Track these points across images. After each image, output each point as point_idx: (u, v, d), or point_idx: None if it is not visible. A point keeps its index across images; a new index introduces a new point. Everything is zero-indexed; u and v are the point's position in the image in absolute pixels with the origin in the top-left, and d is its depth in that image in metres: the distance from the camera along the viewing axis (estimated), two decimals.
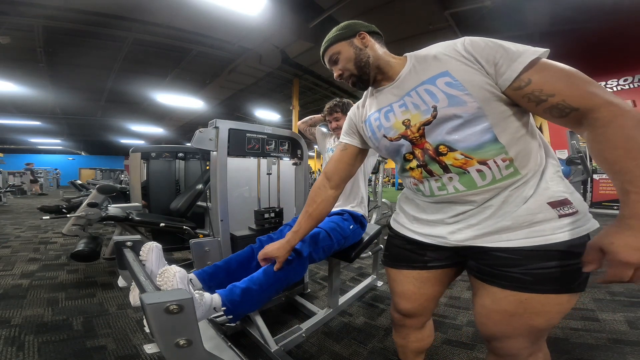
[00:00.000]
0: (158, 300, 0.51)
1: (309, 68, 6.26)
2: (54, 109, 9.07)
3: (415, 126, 0.72)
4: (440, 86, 0.66)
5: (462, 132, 0.66)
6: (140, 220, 2.35)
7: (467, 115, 0.64)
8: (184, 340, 0.55)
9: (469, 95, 0.63)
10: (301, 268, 1.15)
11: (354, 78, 0.82)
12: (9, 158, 15.03)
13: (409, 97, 0.73)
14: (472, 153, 0.66)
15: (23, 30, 4.33)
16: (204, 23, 4.31)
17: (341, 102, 1.66)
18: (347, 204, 1.56)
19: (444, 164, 0.69)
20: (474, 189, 0.67)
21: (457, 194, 0.70)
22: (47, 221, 4.62)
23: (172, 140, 14.68)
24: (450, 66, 0.66)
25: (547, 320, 0.64)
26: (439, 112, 0.67)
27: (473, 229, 0.69)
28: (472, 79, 0.63)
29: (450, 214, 0.74)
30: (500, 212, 0.66)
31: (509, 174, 0.64)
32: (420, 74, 0.71)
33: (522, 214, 0.63)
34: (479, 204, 0.69)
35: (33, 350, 1.34)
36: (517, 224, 0.63)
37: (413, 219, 0.85)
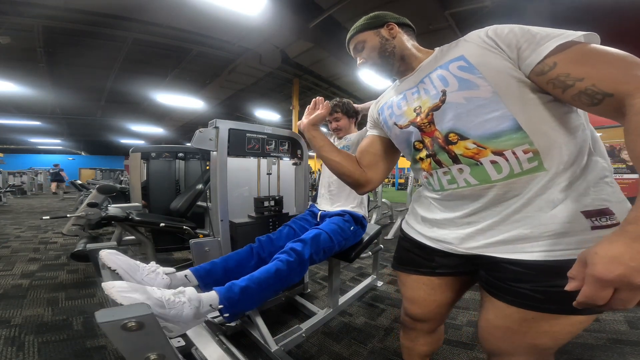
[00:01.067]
0: (112, 318, 0.47)
1: (309, 68, 6.25)
2: (54, 109, 9.07)
3: (424, 112, 0.68)
4: (453, 70, 0.63)
5: (474, 118, 0.59)
6: (140, 220, 2.34)
7: (480, 100, 0.59)
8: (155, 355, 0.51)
9: (483, 78, 0.58)
10: (301, 269, 1.14)
11: (375, 67, 0.82)
12: (9, 158, 15.05)
13: (422, 84, 0.71)
14: (486, 142, 0.59)
15: (23, 30, 4.33)
16: (204, 23, 4.31)
17: (341, 102, 1.65)
18: (347, 204, 1.56)
19: (453, 153, 0.63)
20: (488, 183, 0.60)
21: (468, 187, 0.64)
22: (47, 221, 4.62)
23: (172, 140, 14.67)
24: (466, 51, 0.62)
25: (554, 340, 0.58)
26: (448, 96, 0.63)
27: (485, 235, 0.63)
28: (488, 62, 0.58)
29: (460, 212, 0.67)
30: (517, 216, 0.58)
31: (532, 168, 0.56)
32: (439, 61, 0.69)
33: (546, 221, 0.54)
34: (494, 202, 0.61)
35: (33, 350, 1.34)
36: (538, 234, 0.55)
37: (421, 220, 0.81)
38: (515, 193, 0.59)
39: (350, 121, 1.69)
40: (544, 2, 3.86)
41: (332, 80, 7.05)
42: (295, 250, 1.14)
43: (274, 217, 1.67)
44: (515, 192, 0.58)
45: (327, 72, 6.55)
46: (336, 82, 7.13)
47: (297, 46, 5.17)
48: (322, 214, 1.56)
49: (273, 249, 1.28)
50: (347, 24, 4.61)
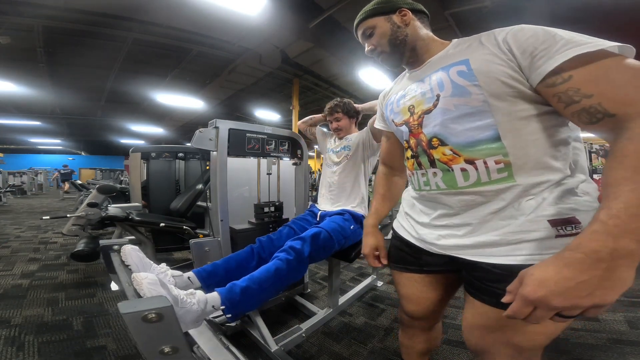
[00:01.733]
0: (134, 309, 0.49)
1: (309, 68, 6.25)
2: (54, 109, 9.06)
3: (417, 113, 0.69)
4: (452, 74, 0.62)
5: (458, 126, 0.61)
6: (140, 220, 2.35)
7: (468, 108, 0.59)
8: (168, 348, 0.53)
9: (477, 86, 0.58)
10: (301, 268, 1.14)
11: (384, 55, 0.78)
12: (9, 158, 15.05)
13: (421, 83, 0.69)
14: (462, 150, 0.61)
15: (23, 30, 4.33)
16: (204, 23, 4.31)
17: (342, 102, 1.65)
18: (348, 203, 1.56)
19: (432, 157, 0.66)
20: (454, 189, 0.63)
21: (437, 191, 0.67)
22: (47, 221, 4.62)
23: (172, 140, 14.66)
24: (474, 54, 0.60)
25: (530, 340, 0.59)
26: (440, 101, 0.63)
27: (457, 238, 0.65)
28: (489, 70, 0.57)
29: (434, 214, 0.71)
30: (490, 223, 0.60)
31: (500, 179, 0.58)
32: (446, 60, 0.66)
33: (514, 229, 0.57)
34: (463, 207, 0.64)
35: (33, 350, 1.34)
36: (506, 241, 0.57)
37: (406, 216, 0.83)
38: (483, 200, 0.61)
39: (351, 121, 1.69)
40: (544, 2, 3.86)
41: (332, 80, 7.05)
42: (295, 249, 1.14)
43: (274, 223, 1.66)
44: (483, 200, 0.61)
45: (327, 72, 6.55)
46: (336, 82, 7.13)
47: (297, 46, 5.17)
48: (322, 214, 1.56)
49: (273, 249, 1.28)
50: (347, 24, 4.61)
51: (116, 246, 0.86)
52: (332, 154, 1.68)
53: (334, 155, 1.67)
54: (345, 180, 1.58)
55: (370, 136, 1.55)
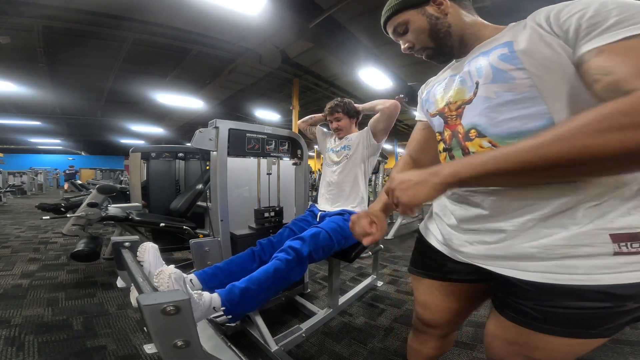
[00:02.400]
0: (154, 301, 0.51)
1: (309, 68, 6.26)
2: (54, 109, 9.07)
3: (455, 103, 0.62)
4: (492, 59, 0.55)
5: (499, 115, 0.53)
6: (140, 220, 2.35)
7: (512, 94, 0.52)
8: (181, 341, 0.54)
9: (522, 70, 0.50)
10: (301, 268, 1.15)
11: (429, 51, 0.69)
12: (9, 158, 15.04)
13: (462, 71, 0.63)
14: (502, 142, 0.53)
15: (23, 30, 4.33)
16: (204, 23, 4.31)
17: (342, 102, 1.65)
18: (347, 203, 1.56)
19: (467, 150, 0.59)
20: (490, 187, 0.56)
21: (470, 188, 0.60)
22: (47, 221, 4.62)
23: (172, 140, 14.66)
24: (519, 35, 0.53)
25: (548, 357, 0.54)
26: (480, 89, 0.56)
27: (486, 245, 0.58)
28: (537, 51, 0.49)
29: (461, 216, 0.64)
30: (528, 233, 0.51)
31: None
32: (491, 43, 0.59)
33: (560, 242, 0.48)
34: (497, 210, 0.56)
35: (33, 350, 1.34)
36: (545, 255, 0.49)
37: (435, 218, 0.76)
38: (524, 203, 0.52)
39: (351, 121, 1.69)
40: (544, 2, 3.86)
41: (332, 80, 7.05)
42: (294, 248, 1.14)
43: (274, 228, 1.66)
44: (524, 202, 0.52)
45: (327, 72, 6.55)
46: (336, 82, 7.13)
47: (297, 46, 5.17)
48: (321, 215, 1.56)
49: (274, 251, 1.29)
50: (347, 24, 4.61)
51: (127, 243, 0.88)
52: (332, 153, 1.68)
53: (333, 155, 1.67)
54: (344, 180, 1.58)
55: (371, 136, 1.55)
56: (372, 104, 1.58)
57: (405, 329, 1.60)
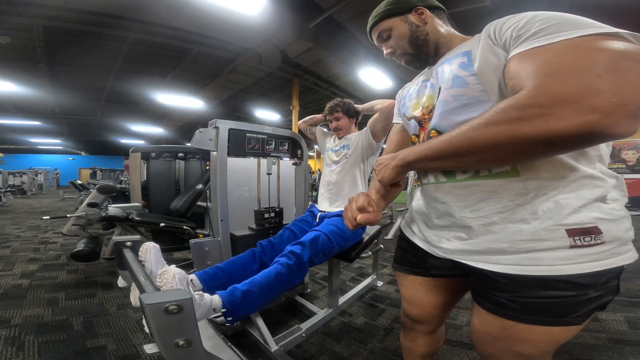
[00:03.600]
0: (157, 300, 0.51)
1: (309, 68, 6.25)
2: (54, 109, 9.07)
3: (427, 107, 0.68)
4: (453, 66, 0.61)
5: (456, 117, 0.59)
6: (140, 220, 2.35)
7: (466, 98, 0.57)
8: (183, 341, 0.54)
9: (475, 76, 0.56)
10: (302, 272, 1.15)
11: (408, 57, 0.74)
12: (9, 158, 15.05)
13: (432, 77, 0.68)
14: None
15: (23, 30, 4.33)
16: (204, 23, 4.31)
17: (342, 102, 1.66)
18: None
19: None
20: (452, 182, 0.61)
21: (436, 184, 0.66)
22: (47, 221, 4.62)
23: (172, 140, 14.66)
24: (476, 46, 0.59)
25: (536, 349, 0.57)
26: (441, 93, 0.62)
27: (462, 242, 0.62)
28: (487, 58, 0.55)
29: (435, 212, 0.69)
30: (497, 227, 0.56)
31: (502, 172, 0.55)
32: (455, 52, 0.65)
33: (525, 237, 0.53)
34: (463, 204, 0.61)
35: (33, 350, 1.34)
36: (514, 249, 0.54)
37: (415, 217, 0.80)
38: (483, 196, 0.58)
39: (351, 121, 1.69)
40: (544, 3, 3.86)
41: (332, 80, 7.04)
42: (295, 253, 1.14)
43: (274, 229, 1.67)
44: (483, 195, 0.58)
45: (327, 72, 6.55)
46: (336, 82, 7.13)
47: (297, 46, 5.17)
48: (321, 215, 1.56)
49: (274, 253, 1.29)
50: (347, 24, 4.61)
51: (129, 242, 0.88)
52: (332, 153, 1.68)
53: (333, 154, 1.67)
54: (344, 179, 1.58)
55: (370, 136, 1.55)
56: (371, 104, 1.58)
57: None
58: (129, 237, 0.90)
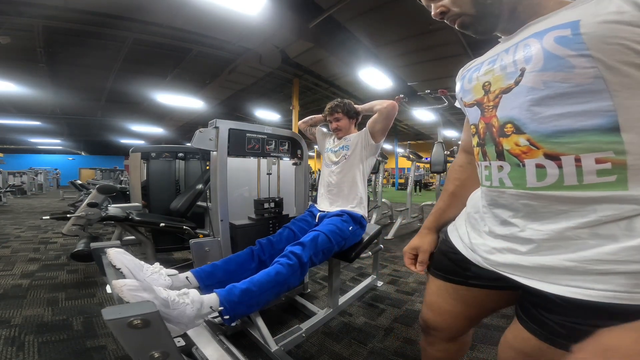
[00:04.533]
0: (118, 315, 0.48)
1: (309, 68, 6.26)
2: (54, 109, 9.07)
3: (493, 92, 0.53)
4: (546, 42, 0.45)
5: (546, 109, 0.45)
6: (140, 220, 2.34)
7: (567, 86, 0.43)
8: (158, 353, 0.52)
9: (587, 57, 0.41)
10: (301, 272, 1.15)
11: (466, 18, 0.56)
12: (9, 158, 15.05)
13: (505, 54, 0.53)
14: (542, 141, 0.45)
15: (23, 30, 4.33)
16: (204, 23, 4.31)
17: (342, 103, 1.66)
18: (346, 204, 1.56)
19: (501, 147, 0.51)
20: (522, 189, 0.49)
21: (500, 189, 0.53)
22: (47, 221, 4.62)
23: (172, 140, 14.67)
24: (589, 12, 0.42)
25: None
26: (525, 77, 0.47)
27: (516, 256, 0.51)
28: (614, 34, 0.39)
29: (493, 220, 0.57)
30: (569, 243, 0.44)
31: (602, 184, 0.41)
32: (550, 21, 0.48)
33: (603, 257, 0.41)
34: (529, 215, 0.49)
35: (33, 350, 1.34)
36: (582, 269, 0.42)
37: (466, 218, 0.69)
38: (562, 209, 0.45)
39: (351, 122, 1.69)
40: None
41: (332, 80, 7.05)
42: (295, 254, 1.14)
43: (274, 219, 1.67)
44: (562, 208, 0.45)
45: (327, 72, 6.55)
46: (336, 82, 7.13)
47: (297, 46, 5.17)
48: (320, 215, 1.56)
49: (273, 251, 1.29)
50: (347, 24, 4.61)
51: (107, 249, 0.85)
52: (331, 153, 1.68)
53: (332, 155, 1.67)
54: (343, 180, 1.58)
55: (369, 136, 1.55)
56: (370, 105, 1.58)
57: (405, 329, 1.60)
58: (107, 243, 0.86)
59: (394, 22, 4.34)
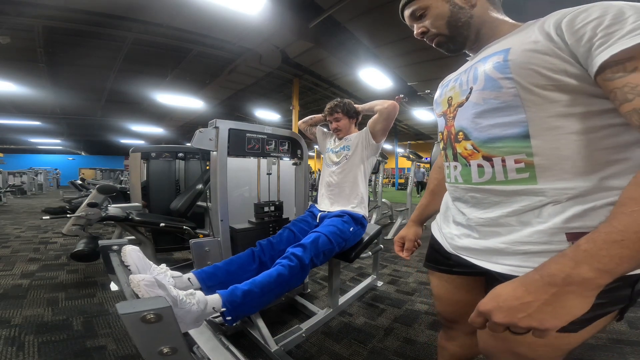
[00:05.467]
0: (133, 309, 0.49)
1: (309, 68, 6.26)
2: (54, 109, 9.08)
3: (453, 106, 0.65)
4: (487, 66, 0.56)
5: (484, 120, 0.56)
6: (140, 220, 2.34)
7: (497, 102, 0.54)
8: (167, 349, 0.53)
9: (510, 79, 0.51)
10: (302, 273, 1.15)
11: (441, 38, 0.67)
12: (9, 158, 15.05)
13: (464, 74, 0.64)
14: (481, 146, 0.57)
15: (23, 30, 4.33)
16: (204, 23, 4.31)
17: (342, 103, 1.65)
18: (347, 204, 1.56)
19: (455, 150, 0.63)
20: (469, 184, 0.61)
21: (456, 184, 0.65)
22: (47, 221, 4.62)
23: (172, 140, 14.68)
24: (518, 43, 0.53)
25: (533, 352, 0.55)
26: (472, 94, 0.59)
27: (471, 240, 0.62)
28: (528, 61, 0.49)
29: (456, 211, 0.68)
30: (500, 228, 0.56)
31: (520, 180, 0.52)
32: (494, 48, 0.59)
33: (523, 239, 0.52)
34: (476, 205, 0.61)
35: (33, 350, 1.34)
36: (512, 250, 0.53)
37: (440, 214, 0.80)
38: (496, 200, 0.57)
39: (351, 121, 1.69)
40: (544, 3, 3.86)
41: (332, 80, 7.05)
42: (296, 255, 1.15)
43: (274, 223, 1.66)
44: (496, 199, 0.57)
45: (327, 72, 6.55)
46: (336, 82, 7.14)
47: (297, 46, 5.17)
48: (321, 215, 1.56)
49: (274, 252, 1.29)
50: (347, 24, 4.62)
51: (115, 246, 0.86)
52: (332, 153, 1.68)
53: (333, 155, 1.67)
54: (344, 180, 1.58)
55: (370, 136, 1.55)
56: (370, 105, 1.58)
57: (405, 329, 1.60)
58: (116, 241, 0.87)
59: (394, 22, 4.33)
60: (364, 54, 5.25)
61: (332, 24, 4.54)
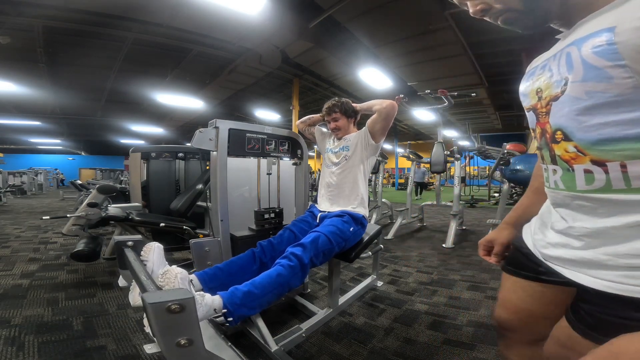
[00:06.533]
0: (160, 299, 0.52)
1: (309, 68, 6.27)
2: (54, 109, 9.08)
3: (545, 99, 0.53)
4: (584, 51, 0.44)
5: (590, 118, 0.45)
6: (140, 220, 2.35)
7: (608, 96, 0.43)
8: (185, 340, 0.55)
9: (624, 67, 0.40)
10: (302, 273, 1.16)
11: (511, 14, 0.54)
12: (9, 158, 15.06)
13: (553, 59, 0.53)
14: (589, 148, 0.46)
15: (23, 30, 4.34)
16: (204, 23, 4.32)
17: (340, 102, 1.65)
18: (347, 204, 1.56)
19: (553, 152, 0.53)
20: (572, 191, 0.51)
21: (556, 190, 0.55)
22: (47, 221, 4.62)
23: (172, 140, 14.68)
24: (625, 17, 0.41)
25: None
26: (569, 86, 0.48)
27: (566, 250, 0.53)
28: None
29: (557, 217, 0.59)
30: (609, 239, 0.47)
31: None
32: (592, 25, 0.46)
33: (632, 252, 0.44)
34: (581, 213, 0.51)
35: (33, 350, 1.34)
36: (615, 264, 0.45)
37: (540, 215, 0.69)
38: (614, 211, 0.46)
39: (349, 121, 1.68)
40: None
41: (332, 80, 7.06)
42: (296, 255, 1.15)
43: (274, 230, 1.66)
44: (613, 210, 0.46)
45: (327, 72, 6.56)
46: (336, 82, 7.14)
47: (297, 46, 5.18)
48: (321, 216, 1.56)
49: (274, 253, 1.30)
50: (347, 24, 4.62)
51: (130, 242, 0.89)
52: (331, 154, 1.68)
53: (333, 156, 1.67)
54: (344, 180, 1.58)
55: (369, 136, 1.55)
56: (369, 104, 1.58)
57: (405, 329, 1.60)
58: (131, 237, 0.91)
59: (394, 22, 4.34)
60: (363, 54, 5.25)
61: (332, 24, 4.54)
